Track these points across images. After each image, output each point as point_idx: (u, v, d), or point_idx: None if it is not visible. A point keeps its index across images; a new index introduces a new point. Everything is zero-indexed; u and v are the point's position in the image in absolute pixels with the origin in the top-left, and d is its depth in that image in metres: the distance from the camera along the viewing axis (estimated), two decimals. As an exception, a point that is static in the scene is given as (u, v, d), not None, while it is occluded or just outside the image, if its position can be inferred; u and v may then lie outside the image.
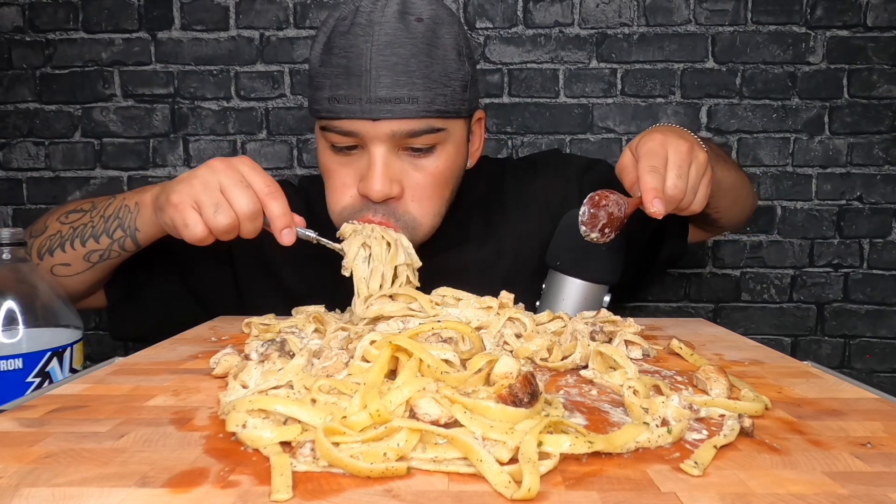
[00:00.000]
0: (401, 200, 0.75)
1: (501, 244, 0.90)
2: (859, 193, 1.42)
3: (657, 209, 0.62)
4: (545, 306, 0.78)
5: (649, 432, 0.36)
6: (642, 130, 1.41)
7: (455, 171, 0.79)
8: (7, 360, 0.63)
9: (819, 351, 1.45)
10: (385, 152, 0.72)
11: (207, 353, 0.58)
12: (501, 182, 0.94)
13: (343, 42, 0.71)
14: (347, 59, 0.70)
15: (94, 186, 1.48)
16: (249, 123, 1.46)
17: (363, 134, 0.71)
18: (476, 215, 0.91)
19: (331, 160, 0.76)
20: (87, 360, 0.72)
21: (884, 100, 1.40)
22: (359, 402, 0.37)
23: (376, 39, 0.69)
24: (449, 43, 0.73)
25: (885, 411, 0.43)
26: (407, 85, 0.70)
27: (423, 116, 0.71)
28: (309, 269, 0.87)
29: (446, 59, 0.73)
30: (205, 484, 0.31)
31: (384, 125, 0.70)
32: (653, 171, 0.63)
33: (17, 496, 0.30)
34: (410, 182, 0.75)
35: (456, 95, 0.74)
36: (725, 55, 1.40)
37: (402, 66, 0.70)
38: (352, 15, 0.72)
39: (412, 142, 0.73)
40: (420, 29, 0.71)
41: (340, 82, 0.71)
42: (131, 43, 1.44)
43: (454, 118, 0.75)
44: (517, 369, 0.41)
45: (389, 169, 0.72)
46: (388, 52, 0.69)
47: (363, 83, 0.69)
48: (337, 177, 0.76)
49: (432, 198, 0.76)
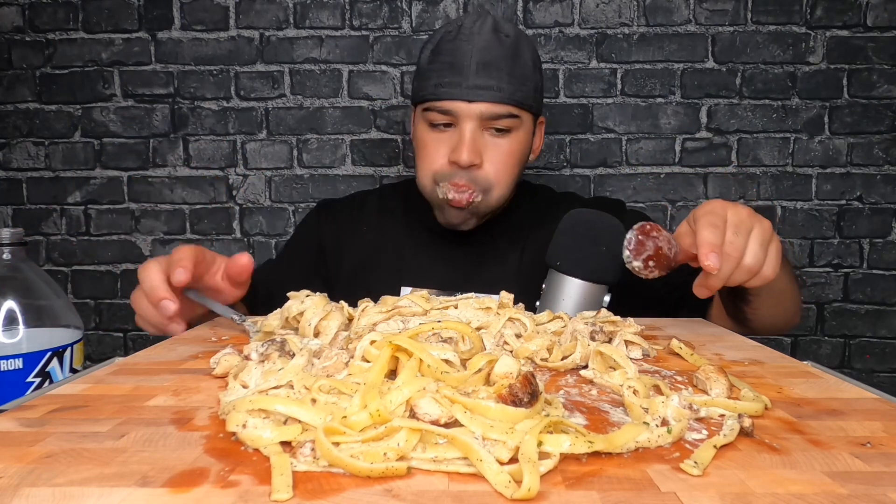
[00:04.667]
0: (481, 169, 0.93)
1: (540, 256, 0.98)
2: (859, 193, 1.42)
3: (712, 262, 0.59)
4: (545, 306, 0.78)
5: (649, 432, 0.36)
6: (642, 130, 1.44)
7: (523, 154, 0.97)
8: (7, 360, 0.63)
9: (819, 351, 1.45)
10: (473, 128, 0.91)
11: (207, 353, 0.58)
12: (555, 207, 1.05)
13: (450, 46, 0.92)
14: (453, 58, 0.91)
15: (94, 186, 1.48)
16: (249, 123, 1.46)
17: (459, 112, 0.91)
18: (525, 229, 1.04)
19: (428, 135, 0.95)
20: (87, 360, 0.72)
21: (884, 100, 1.40)
22: (359, 402, 0.37)
23: (476, 44, 0.91)
24: (527, 55, 0.94)
25: (885, 411, 0.43)
26: (496, 78, 0.90)
27: (506, 103, 0.91)
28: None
29: (525, 65, 0.93)
30: (205, 484, 0.31)
31: (476, 106, 0.90)
32: (711, 227, 0.61)
33: (17, 496, 0.30)
34: (490, 155, 0.93)
35: (529, 94, 0.94)
36: (725, 55, 1.41)
37: (493, 64, 0.90)
38: (456, 29, 0.93)
39: (494, 123, 0.92)
40: (507, 42, 0.92)
41: (445, 73, 0.91)
42: (131, 43, 1.44)
43: (526, 111, 0.94)
44: (517, 369, 0.41)
45: (475, 143, 0.92)
46: (484, 53, 0.90)
47: (464, 74, 0.90)
48: (432, 148, 0.95)
49: (505, 170, 0.95)
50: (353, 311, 0.64)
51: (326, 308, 0.60)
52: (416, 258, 1.03)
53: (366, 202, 1.13)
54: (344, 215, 1.11)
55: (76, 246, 1.49)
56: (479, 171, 0.93)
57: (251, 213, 1.48)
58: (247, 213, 1.48)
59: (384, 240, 1.06)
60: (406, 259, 1.04)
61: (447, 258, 1.03)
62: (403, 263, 1.04)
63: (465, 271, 1.02)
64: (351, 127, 1.45)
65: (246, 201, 1.48)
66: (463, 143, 0.91)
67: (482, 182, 0.94)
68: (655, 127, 1.43)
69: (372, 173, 1.47)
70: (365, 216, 1.10)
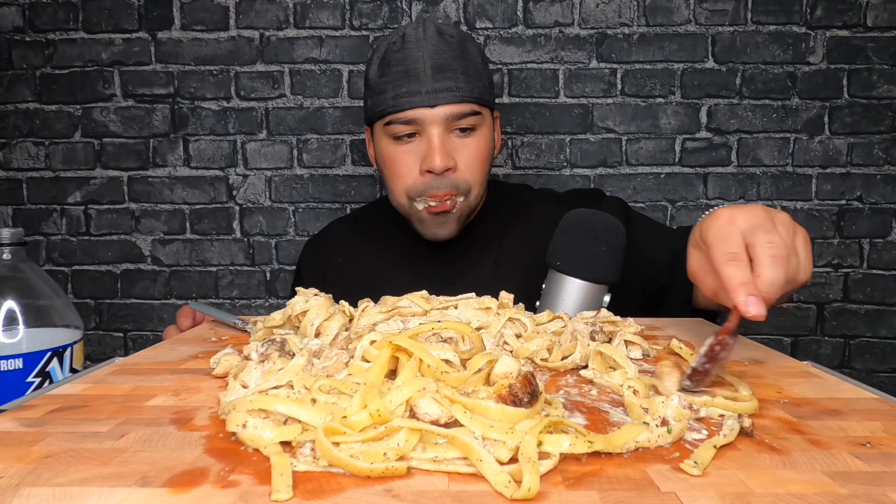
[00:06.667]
0: (457, 171, 0.93)
1: (514, 259, 1.00)
2: (859, 193, 1.42)
3: (757, 312, 0.44)
4: (545, 306, 0.78)
5: (649, 432, 0.36)
6: (642, 130, 1.44)
7: (490, 150, 0.98)
8: (7, 360, 0.63)
9: (819, 351, 1.45)
10: (441, 132, 0.91)
11: (207, 353, 0.58)
12: (530, 205, 1.06)
13: (399, 56, 0.92)
14: (405, 66, 0.91)
15: (94, 186, 1.48)
16: (249, 123, 1.46)
17: (423, 119, 0.91)
18: (501, 228, 1.03)
19: (393, 150, 0.94)
20: (87, 360, 0.72)
21: (884, 100, 1.40)
22: (359, 402, 0.37)
23: (425, 49, 0.91)
24: (474, 51, 0.95)
25: (885, 411, 0.43)
26: (452, 78, 0.91)
27: (466, 101, 0.91)
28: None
29: (475, 62, 0.94)
30: (205, 484, 0.31)
31: (440, 110, 0.90)
32: (733, 261, 0.47)
33: (17, 496, 0.30)
34: (461, 156, 0.93)
35: (485, 89, 0.95)
36: (725, 55, 1.41)
37: (447, 65, 0.91)
38: (400, 39, 0.93)
39: (458, 123, 0.92)
40: (454, 42, 0.93)
41: (402, 83, 0.91)
42: (131, 43, 1.44)
43: (485, 106, 0.95)
44: (517, 369, 0.41)
45: (445, 146, 0.91)
46: (436, 56, 0.91)
47: (421, 80, 0.90)
48: (401, 162, 0.94)
49: (479, 168, 0.96)
50: (353, 311, 0.64)
51: (330, 310, 0.60)
52: (391, 278, 1.01)
53: (339, 232, 1.13)
54: (322, 251, 1.11)
55: (76, 246, 1.49)
56: (455, 173, 0.93)
57: (251, 213, 1.48)
58: (247, 213, 1.48)
59: (360, 266, 1.06)
60: (380, 281, 1.01)
61: (423, 272, 1.01)
62: (379, 286, 0.98)
63: (443, 282, 0.94)
64: (351, 127, 1.45)
65: (246, 201, 1.48)
66: (433, 149, 0.90)
67: (461, 185, 0.93)
68: (655, 127, 1.43)
69: (372, 173, 1.47)
70: (339, 246, 1.10)
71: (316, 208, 1.47)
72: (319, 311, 0.59)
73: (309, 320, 0.59)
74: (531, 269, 0.91)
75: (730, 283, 0.46)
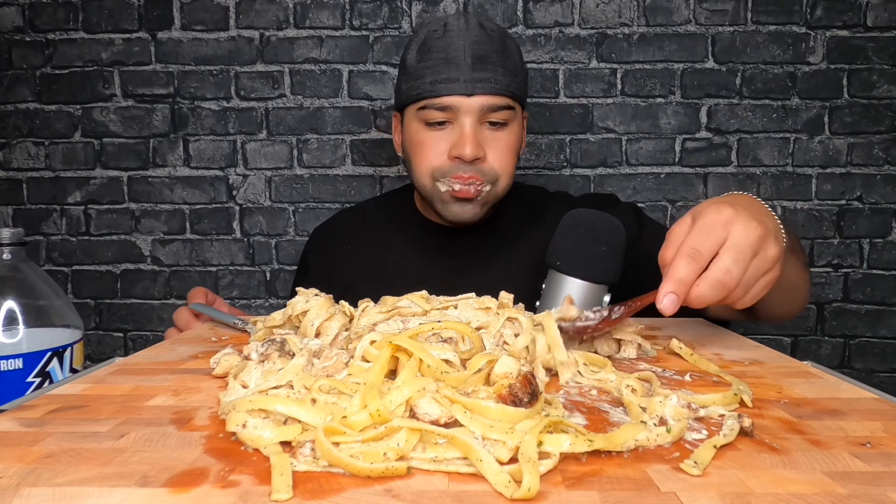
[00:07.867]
0: (486, 162, 0.94)
1: (527, 259, 1.00)
2: (859, 193, 1.42)
3: (668, 310, 0.50)
4: (545, 306, 0.78)
5: (648, 431, 0.36)
6: (642, 130, 1.44)
7: (519, 147, 0.99)
8: (7, 360, 0.63)
9: (819, 351, 1.45)
10: (473, 122, 0.91)
11: (207, 353, 0.58)
12: (544, 207, 1.07)
13: (440, 43, 0.92)
14: (446, 53, 0.91)
15: (94, 186, 1.48)
16: (249, 123, 1.46)
17: (458, 107, 0.91)
18: (516, 227, 1.04)
19: (424, 134, 0.94)
20: (87, 360, 0.72)
21: (884, 100, 1.40)
22: (359, 402, 0.37)
23: (467, 39, 0.92)
24: (513, 48, 0.96)
25: (885, 411, 0.43)
26: (491, 70, 0.91)
27: (503, 94, 0.92)
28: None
29: (514, 58, 0.95)
30: (205, 484, 0.32)
31: (476, 99, 0.91)
32: (691, 258, 0.51)
33: (17, 496, 0.30)
34: (491, 148, 0.94)
35: (520, 86, 0.96)
36: (725, 55, 1.41)
37: (487, 57, 0.91)
38: (442, 28, 0.94)
39: (491, 116, 0.92)
40: (495, 36, 0.94)
41: (441, 69, 0.91)
42: (131, 43, 1.44)
43: (519, 102, 0.96)
44: (517, 369, 0.41)
45: (477, 136, 0.92)
46: (477, 47, 0.91)
47: (461, 68, 0.91)
48: (430, 147, 0.94)
49: (508, 160, 0.96)
50: (354, 311, 0.64)
51: (330, 310, 0.60)
52: (401, 268, 1.02)
53: (348, 221, 1.12)
54: (330, 239, 1.11)
55: (76, 246, 1.49)
56: (484, 163, 0.93)
57: (251, 213, 1.48)
58: (247, 213, 1.48)
59: (368, 255, 1.05)
60: (390, 272, 1.02)
61: (434, 265, 1.01)
62: (388, 276, 1.01)
63: (453, 278, 0.98)
64: (351, 127, 1.45)
65: (246, 201, 1.48)
66: (465, 137, 0.90)
67: (489, 173, 0.93)
68: (655, 127, 1.43)
69: (372, 173, 1.47)
70: (347, 235, 1.09)
71: (316, 208, 1.47)
72: (319, 311, 0.59)
73: (309, 320, 0.59)
74: (541, 272, 0.91)
75: (671, 272, 0.51)
